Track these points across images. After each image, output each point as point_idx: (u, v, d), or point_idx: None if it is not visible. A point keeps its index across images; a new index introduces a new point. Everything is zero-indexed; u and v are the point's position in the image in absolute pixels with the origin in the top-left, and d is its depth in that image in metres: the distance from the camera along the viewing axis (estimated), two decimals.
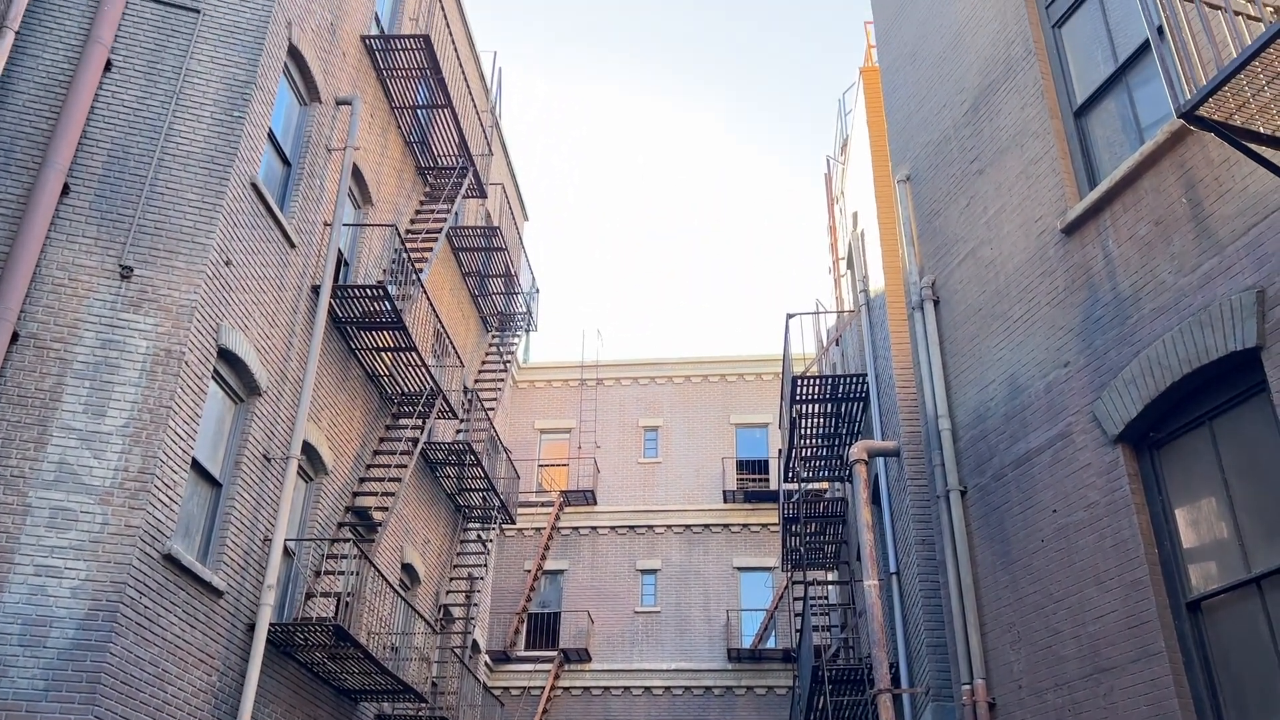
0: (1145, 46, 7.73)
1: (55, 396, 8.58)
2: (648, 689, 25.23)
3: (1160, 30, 5.59)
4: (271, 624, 10.52)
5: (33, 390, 8.55)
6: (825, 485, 23.69)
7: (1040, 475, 8.00)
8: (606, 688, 25.35)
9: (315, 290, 12.07)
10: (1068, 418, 7.79)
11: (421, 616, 13.34)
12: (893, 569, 12.00)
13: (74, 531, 8.22)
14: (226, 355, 10.05)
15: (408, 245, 14.68)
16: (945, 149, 10.14)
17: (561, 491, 27.20)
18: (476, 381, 19.37)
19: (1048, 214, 8.35)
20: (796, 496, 16.76)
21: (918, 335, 9.81)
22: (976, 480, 8.81)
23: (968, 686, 8.31)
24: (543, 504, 27.64)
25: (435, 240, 14.82)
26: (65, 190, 9.26)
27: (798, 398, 13.58)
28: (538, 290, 21.19)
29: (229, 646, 9.95)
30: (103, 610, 8.05)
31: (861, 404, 13.74)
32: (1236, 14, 5.35)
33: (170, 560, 8.86)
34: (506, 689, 25.45)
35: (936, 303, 9.80)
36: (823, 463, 15.20)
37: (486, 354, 19.98)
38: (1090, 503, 7.41)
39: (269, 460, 10.86)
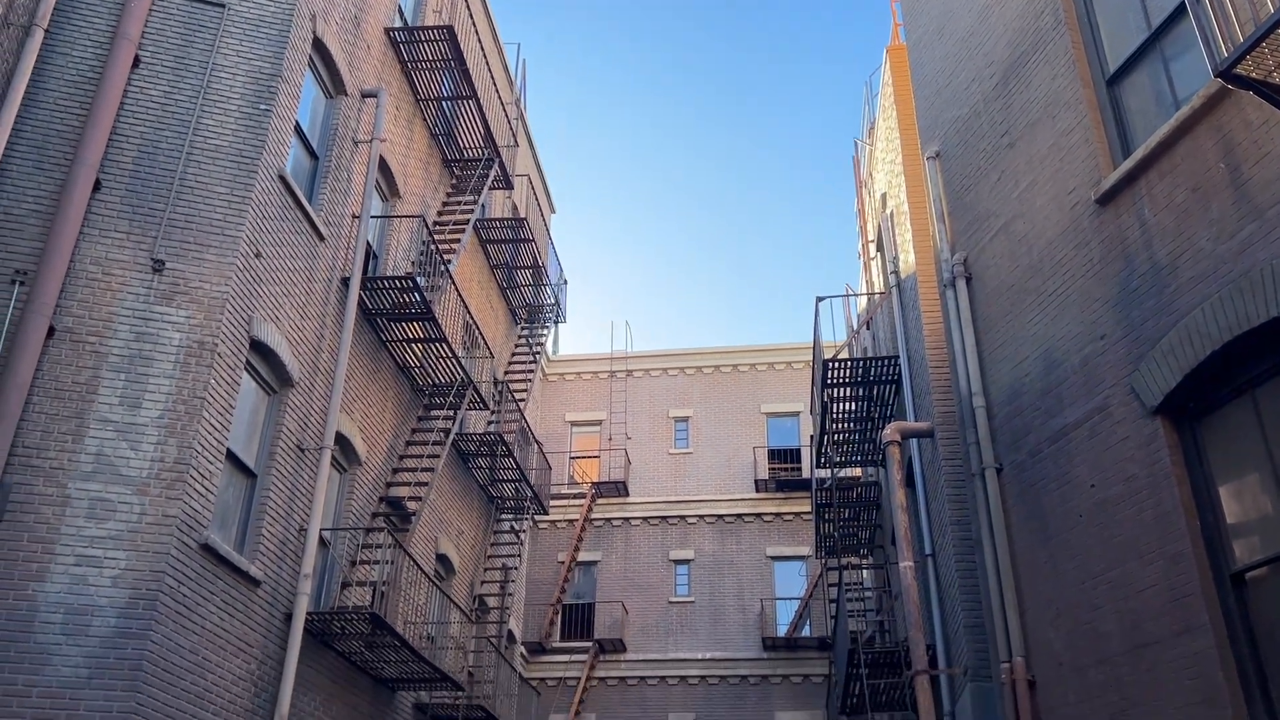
0: (1179, 11, 7.57)
1: (91, 389, 8.68)
2: (683, 679, 25.23)
3: None
4: (309, 613, 10.60)
5: (69, 383, 8.65)
6: (859, 472, 23.53)
7: (1077, 450, 7.88)
8: (642, 678, 25.38)
9: (345, 282, 12.13)
10: (1105, 391, 7.66)
11: (457, 606, 13.41)
12: (928, 551, 11.90)
13: (113, 522, 8.32)
14: (259, 347, 10.12)
15: (435, 237, 14.73)
16: (975, 124, 10.01)
17: (593, 483, 27.23)
18: (506, 374, 19.42)
19: (1081, 185, 8.22)
20: (829, 482, 16.67)
21: (950, 313, 9.70)
22: (1012, 457, 8.70)
23: (1007, 665, 8.22)
24: (575, 496, 27.70)
25: (463, 231, 14.86)
26: (97, 186, 9.36)
27: (829, 381, 13.49)
28: (565, 282, 21.21)
29: (267, 635, 10.04)
30: (143, 599, 8.14)
31: (893, 386, 13.62)
32: None
33: (207, 550, 8.94)
34: (543, 679, 25.54)
35: (969, 280, 9.68)
36: (855, 447, 15.10)
37: (516, 346, 20.02)
38: (1129, 476, 7.29)
39: (303, 451, 10.94)
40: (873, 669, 12.58)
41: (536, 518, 27.63)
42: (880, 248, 16.48)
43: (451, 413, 14.29)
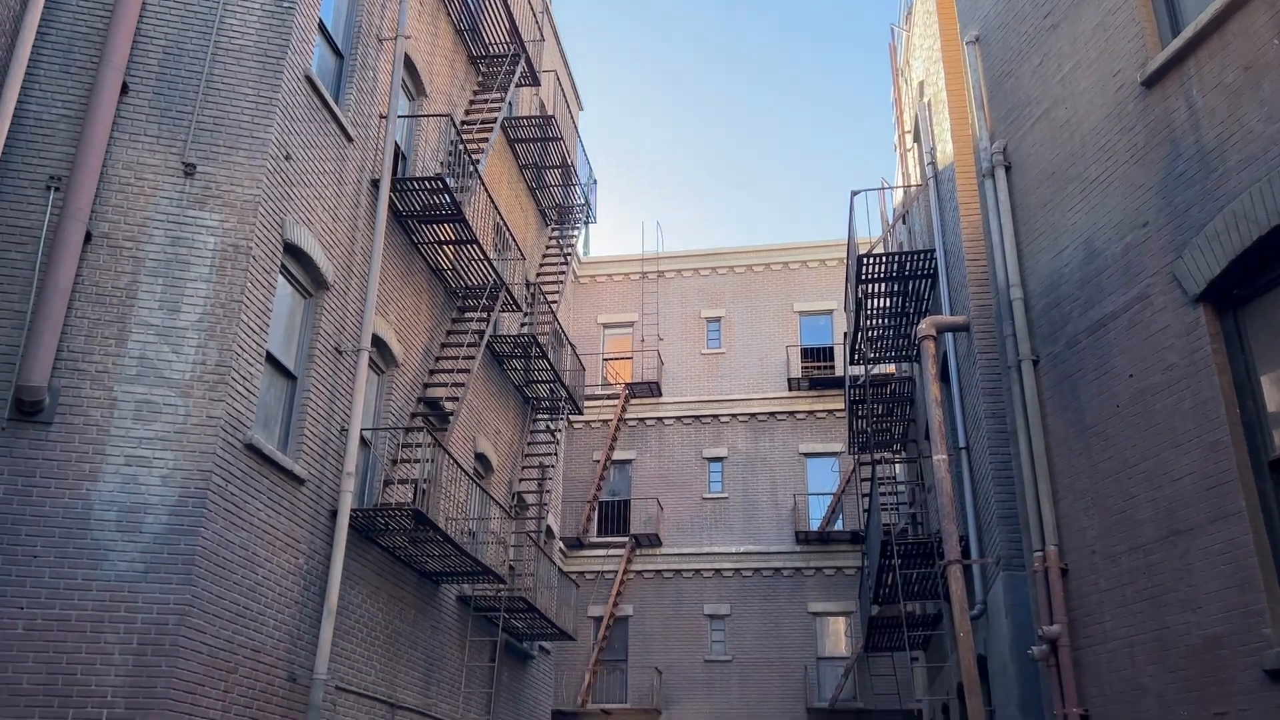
0: None
1: (131, 294, 8.80)
2: (718, 571, 25.79)
3: None
4: (353, 510, 10.88)
5: (110, 288, 8.77)
6: (892, 369, 23.50)
7: (1116, 340, 7.80)
8: (678, 571, 25.97)
9: (374, 184, 12.09)
10: (1146, 279, 7.54)
11: (496, 502, 13.70)
12: (962, 444, 11.93)
13: (159, 423, 8.52)
14: (292, 250, 10.17)
15: (464, 136, 14.57)
16: (1016, 5, 9.65)
17: (626, 384, 27.44)
18: (538, 275, 19.41)
19: (1127, 67, 7.94)
20: (862, 379, 16.67)
21: (989, 204, 9.52)
22: (1049, 349, 8.64)
23: (1039, 554, 8.31)
24: (608, 397, 27.95)
25: (490, 130, 14.69)
26: (124, 89, 9.31)
27: (863, 277, 13.37)
28: (595, 182, 20.99)
29: (314, 532, 10.34)
30: (192, 497, 8.39)
31: (929, 281, 13.48)
32: None
33: (252, 449, 9.16)
34: (581, 573, 26.22)
35: (1008, 168, 9.47)
36: (889, 343, 15.03)
37: (547, 248, 19.97)
38: (1169, 365, 7.22)
39: (340, 353, 11.08)
40: (905, 560, 12.77)
41: (571, 418, 27.97)
42: (917, 138, 16.11)
43: (485, 315, 14.36)
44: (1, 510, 8.03)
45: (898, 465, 20.30)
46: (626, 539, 26.04)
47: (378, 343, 12.16)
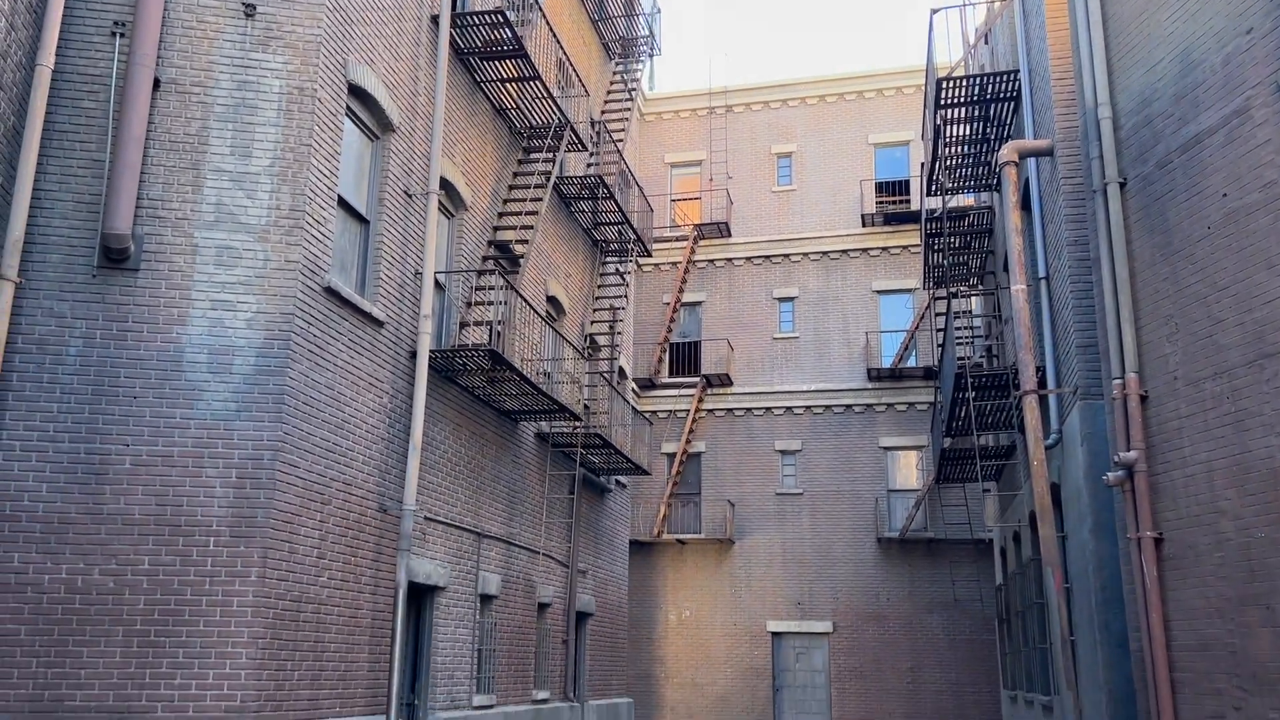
0: None
1: (203, 140, 8.87)
2: (789, 409, 26.06)
3: None
4: (431, 351, 11.15)
5: (181, 135, 8.84)
6: (970, 201, 22.82)
7: (1211, 158, 7.42)
8: (749, 409, 26.31)
9: (434, 21, 11.82)
10: (1246, 91, 7.09)
11: (569, 343, 13.90)
12: (1042, 274, 11.65)
13: (240, 268, 8.73)
14: (357, 91, 10.09)
15: None
16: None
17: (695, 225, 27.15)
18: (603, 113, 19.03)
19: None
20: (939, 212, 16.24)
21: (1078, 16, 8.95)
22: (1137, 171, 8.27)
23: (1119, 381, 8.19)
24: (677, 238, 27.75)
25: None
26: None
27: (942, 102, 12.82)
28: (659, 11, 20.23)
29: (395, 372, 10.65)
30: (276, 339, 8.66)
31: (1011, 104, 12.88)
32: None
33: (331, 292, 9.36)
34: (654, 413, 26.73)
35: None
36: (968, 172, 14.54)
37: (611, 83, 19.48)
38: (1267, 182, 6.87)
39: (410, 196, 11.12)
40: (979, 393, 12.72)
41: (640, 260, 27.93)
42: None
43: (550, 155, 14.20)
44: (99, 354, 8.40)
45: (974, 299, 19.99)
46: (697, 380, 26.35)
47: (446, 185, 12.15)
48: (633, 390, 25.33)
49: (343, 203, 9.93)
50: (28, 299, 8.37)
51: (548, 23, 13.25)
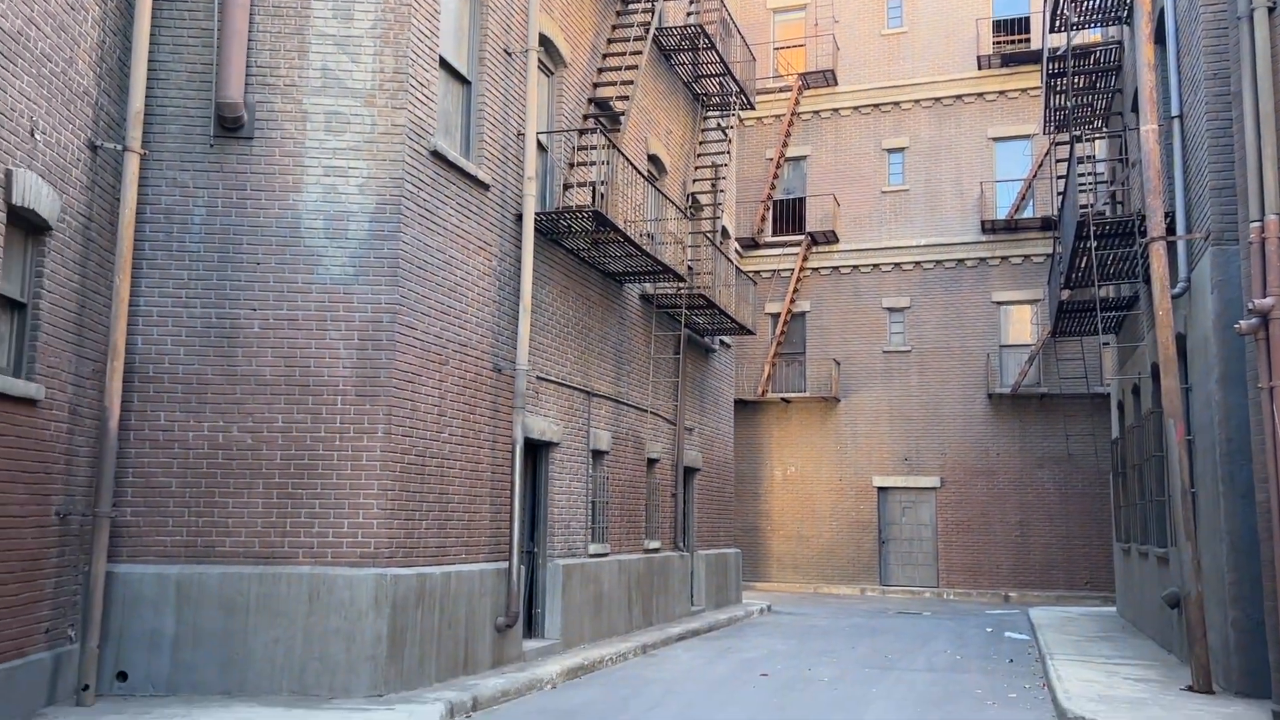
0: None
1: (305, 4, 8.86)
2: (897, 265, 25.50)
3: None
4: (536, 213, 11.19)
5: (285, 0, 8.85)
6: (1096, 37, 21.34)
7: None
8: (855, 266, 25.84)
9: None
10: None
11: (672, 203, 13.77)
12: (1175, 112, 10.93)
13: (349, 134, 8.83)
14: None
15: None
16: None
17: (799, 74, 26.17)
18: None
19: None
20: (1063, 50, 15.25)
21: None
22: None
23: (1258, 224, 7.73)
24: (780, 89, 26.83)
25: None
26: None
27: None
28: None
29: (502, 235, 10.76)
30: (388, 204, 8.81)
31: None
32: None
33: (438, 156, 9.42)
34: (757, 272, 26.50)
35: None
36: (1096, 3, 13.55)
37: None
38: None
39: (509, 55, 10.97)
40: (1101, 241, 12.18)
41: (742, 114, 27.19)
42: None
43: (650, 4, 13.76)
44: (222, 223, 8.70)
45: (1098, 143, 18.93)
46: (802, 237, 25.90)
47: (545, 42, 11.94)
48: (736, 250, 25.08)
49: (444, 64, 9.87)
50: (152, 170, 8.67)
51: None
